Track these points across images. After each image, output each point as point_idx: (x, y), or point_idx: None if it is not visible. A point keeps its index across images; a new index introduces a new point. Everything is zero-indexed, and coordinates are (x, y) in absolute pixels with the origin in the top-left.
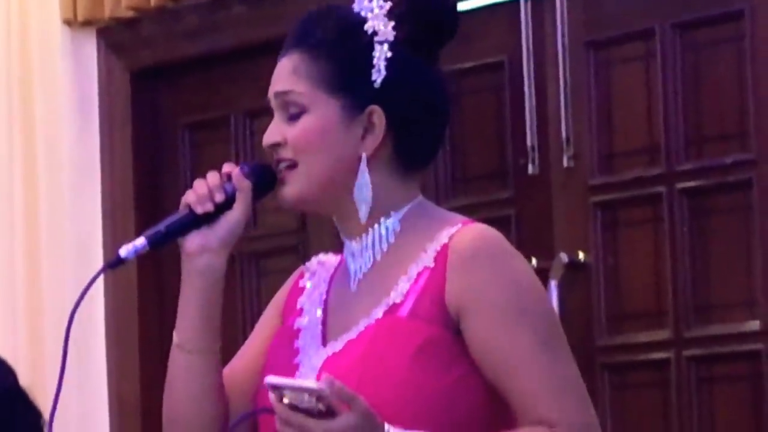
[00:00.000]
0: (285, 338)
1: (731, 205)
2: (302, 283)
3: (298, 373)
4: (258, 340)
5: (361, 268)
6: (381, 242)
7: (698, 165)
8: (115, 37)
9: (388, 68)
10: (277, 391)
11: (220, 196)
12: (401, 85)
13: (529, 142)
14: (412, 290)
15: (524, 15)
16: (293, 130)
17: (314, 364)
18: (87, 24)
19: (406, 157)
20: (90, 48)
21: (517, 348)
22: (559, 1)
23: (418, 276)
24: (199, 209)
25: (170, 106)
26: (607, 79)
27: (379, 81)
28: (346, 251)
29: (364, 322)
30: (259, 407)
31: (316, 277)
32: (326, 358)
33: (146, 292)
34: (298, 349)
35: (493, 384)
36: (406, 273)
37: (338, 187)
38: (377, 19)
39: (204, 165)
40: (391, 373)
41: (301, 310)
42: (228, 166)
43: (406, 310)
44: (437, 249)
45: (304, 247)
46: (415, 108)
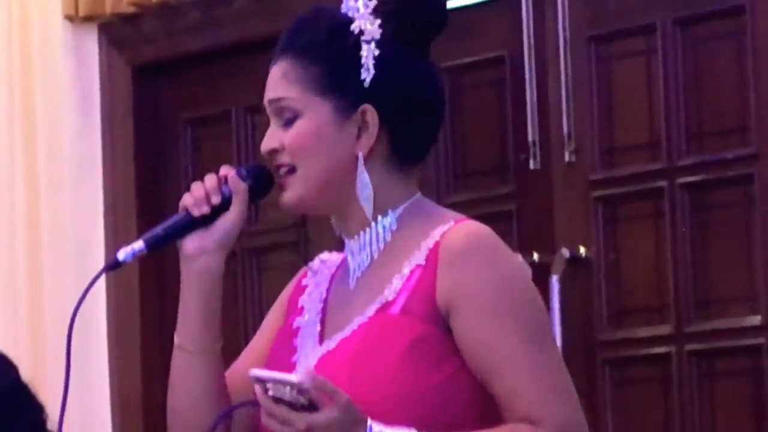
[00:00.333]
0: (285, 337)
1: (732, 199)
2: (305, 282)
3: (295, 371)
4: (261, 340)
5: (360, 266)
6: (378, 240)
7: (699, 160)
8: (117, 33)
9: (377, 66)
10: (262, 384)
11: (217, 199)
12: (391, 82)
13: (530, 137)
14: (405, 288)
15: (525, 10)
16: (289, 136)
17: (310, 362)
18: (88, 19)
19: (402, 152)
20: (91, 43)
21: (503, 345)
22: None
23: (410, 273)
24: (196, 212)
25: (172, 101)
26: (608, 75)
27: (369, 80)
28: (346, 249)
29: (358, 320)
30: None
31: (318, 276)
32: (320, 356)
33: (148, 289)
34: (296, 348)
35: (481, 380)
36: (400, 271)
37: (337, 188)
38: (363, 18)
39: (205, 160)
40: (381, 370)
41: (301, 309)
42: (225, 169)
43: (397, 308)
44: (429, 247)
45: (305, 242)
46: (407, 104)
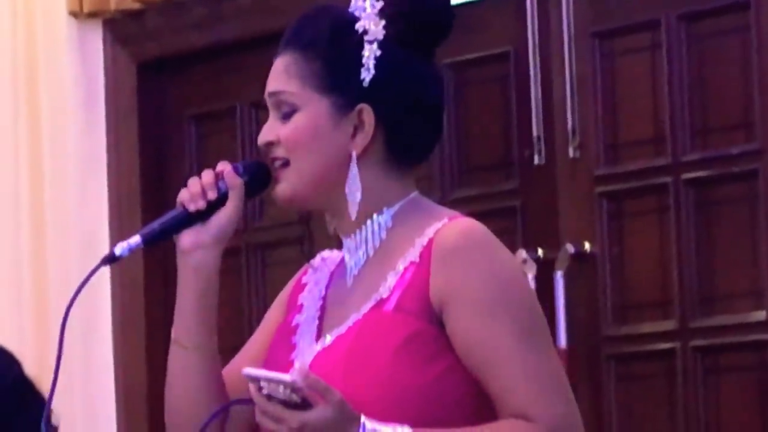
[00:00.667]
0: (284, 335)
1: (737, 195)
2: (305, 280)
3: (292, 369)
4: (260, 338)
5: (356, 264)
6: (373, 238)
7: (704, 155)
8: (121, 29)
9: (378, 67)
10: (256, 382)
11: (213, 194)
12: (390, 84)
13: (534, 133)
14: (398, 285)
15: (530, 6)
16: (285, 129)
17: (306, 359)
18: (93, 16)
19: (398, 154)
20: (96, 40)
21: (496, 341)
22: None
23: (404, 271)
24: (192, 207)
25: (176, 97)
26: (612, 70)
27: (368, 80)
28: (344, 247)
29: (353, 317)
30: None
31: (318, 274)
32: (316, 354)
33: (152, 281)
34: (294, 345)
35: (475, 378)
36: (395, 268)
37: (330, 185)
38: (368, 18)
39: (210, 156)
40: (375, 367)
41: (301, 307)
42: (222, 165)
43: (391, 305)
44: (423, 244)
45: (309, 238)
46: (405, 106)
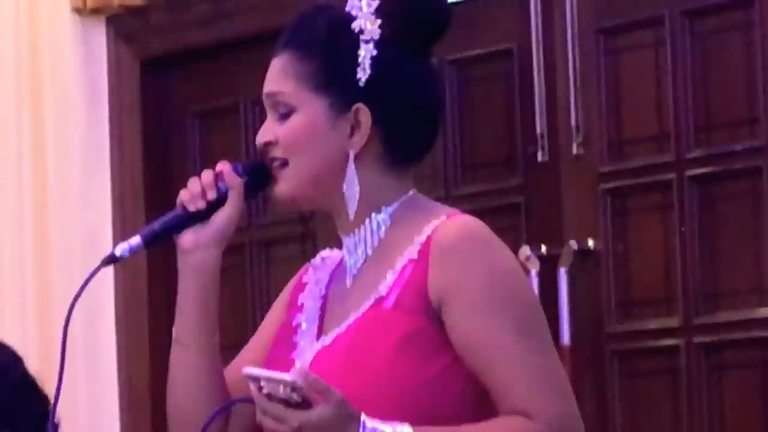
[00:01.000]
0: (285, 334)
1: (741, 192)
2: (305, 280)
3: (293, 369)
4: (261, 337)
5: (356, 263)
6: (372, 237)
7: (708, 152)
8: (125, 26)
9: (374, 67)
10: (256, 382)
11: (212, 194)
12: (387, 84)
13: (538, 130)
14: (397, 283)
15: (534, 2)
16: (283, 130)
17: (307, 358)
18: (96, 12)
19: (395, 153)
20: (99, 36)
21: (494, 338)
22: None
23: (403, 268)
24: (192, 207)
25: (180, 93)
26: (616, 67)
27: (364, 80)
28: (343, 247)
29: (353, 316)
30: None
31: (318, 273)
32: (317, 352)
33: (155, 278)
34: (295, 345)
35: (474, 375)
36: (393, 266)
37: (328, 185)
38: (364, 18)
39: (214, 153)
40: (374, 364)
41: (301, 306)
42: (221, 165)
43: (390, 303)
44: (422, 241)
45: (311, 235)
46: (401, 106)
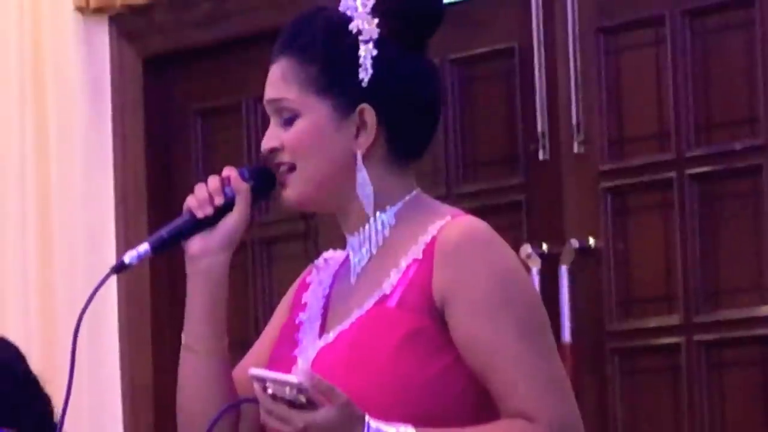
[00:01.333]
0: (288, 332)
1: (741, 190)
2: (309, 280)
3: (295, 366)
4: (267, 338)
5: (360, 262)
6: (377, 236)
7: (708, 151)
8: (127, 25)
9: (375, 66)
10: (261, 383)
11: (220, 200)
12: (389, 82)
13: (539, 128)
14: (401, 282)
15: (535, 1)
16: (288, 135)
17: (309, 355)
18: (99, 11)
19: (400, 150)
20: (102, 35)
21: (497, 339)
22: None
23: (407, 268)
24: (200, 213)
25: (182, 92)
26: (617, 66)
27: (367, 80)
28: (347, 246)
29: (356, 314)
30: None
31: (322, 273)
32: (319, 349)
33: (158, 280)
34: (297, 342)
35: (476, 375)
36: (398, 265)
37: (336, 186)
38: (361, 18)
39: (216, 151)
40: (376, 362)
41: (305, 305)
42: (228, 170)
43: (394, 301)
44: (426, 241)
45: (314, 233)
46: (405, 103)
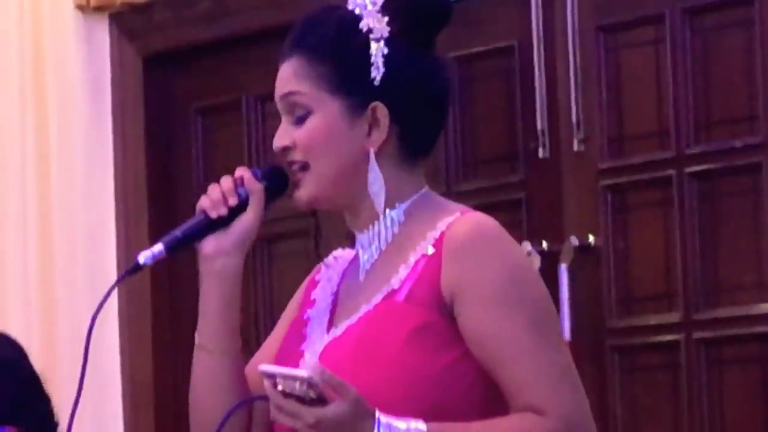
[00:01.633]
0: (296, 328)
1: (740, 188)
2: (318, 277)
3: (302, 360)
4: (276, 336)
5: (369, 259)
6: (386, 233)
7: (708, 149)
8: (128, 23)
9: (386, 64)
10: (271, 379)
11: (234, 200)
12: (400, 80)
13: (539, 126)
14: (410, 277)
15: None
16: (300, 133)
17: (317, 349)
18: (99, 9)
19: (411, 147)
20: (102, 33)
21: (507, 334)
22: None
23: (416, 263)
24: (214, 214)
25: (182, 90)
26: (617, 64)
27: (379, 78)
28: (357, 243)
29: (364, 308)
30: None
31: (331, 271)
32: (327, 343)
33: (159, 277)
34: (305, 337)
35: (485, 369)
36: (406, 261)
37: (348, 184)
38: (371, 16)
39: (216, 149)
40: (384, 356)
41: (313, 302)
42: (240, 170)
43: (402, 296)
44: (435, 237)
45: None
46: (416, 100)
